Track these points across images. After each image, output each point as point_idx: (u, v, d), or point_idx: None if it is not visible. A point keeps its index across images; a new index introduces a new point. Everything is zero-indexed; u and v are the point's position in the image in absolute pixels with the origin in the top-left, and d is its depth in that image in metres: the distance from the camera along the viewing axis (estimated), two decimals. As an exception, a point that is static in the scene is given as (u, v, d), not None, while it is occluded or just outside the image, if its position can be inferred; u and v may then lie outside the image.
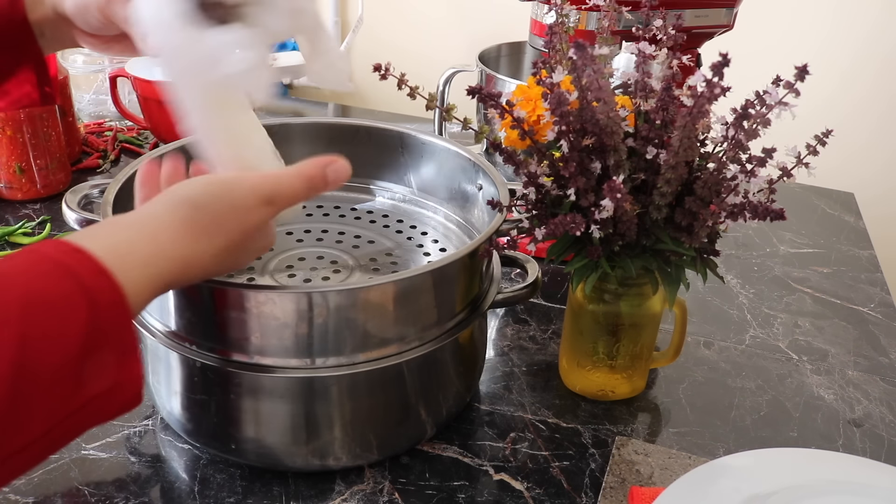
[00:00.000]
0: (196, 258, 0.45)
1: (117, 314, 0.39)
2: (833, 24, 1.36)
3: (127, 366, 0.40)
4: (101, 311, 0.38)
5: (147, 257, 0.42)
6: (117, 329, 0.39)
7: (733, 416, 0.72)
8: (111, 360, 0.38)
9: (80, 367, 0.37)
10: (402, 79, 0.60)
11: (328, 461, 0.61)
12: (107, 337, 0.38)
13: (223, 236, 0.46)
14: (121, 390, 0.40)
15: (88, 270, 0.38)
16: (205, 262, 0.46)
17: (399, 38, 1.58)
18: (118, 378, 0.39)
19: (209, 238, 0.46)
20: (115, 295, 0.39)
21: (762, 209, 0.56)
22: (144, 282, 0.42)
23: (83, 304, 0.37)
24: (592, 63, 0.57)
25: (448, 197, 0.77)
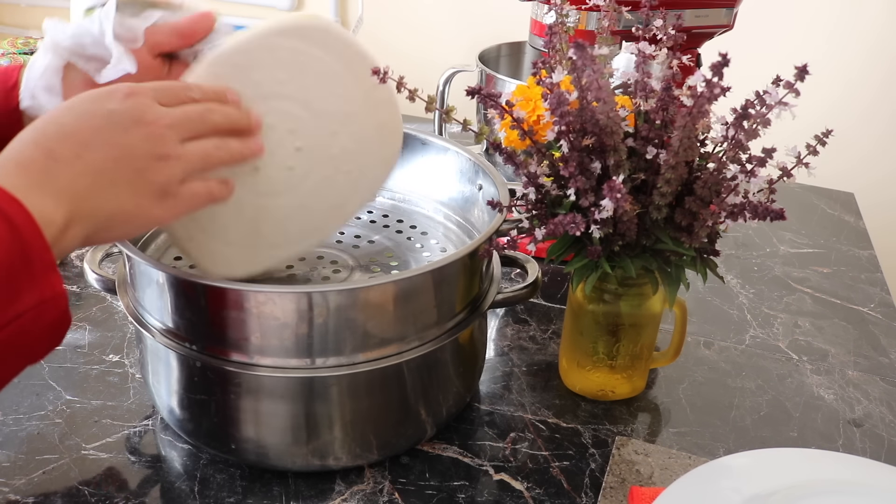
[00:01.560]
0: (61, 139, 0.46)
1: (31, 231, 0.42)
2: (834, 25, 1.36)
3: (48, 282, 0.42)
4: (19, 231, 0.41)
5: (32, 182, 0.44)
6: (34, 247, 0.41)
7: (733, 416, 0.72)
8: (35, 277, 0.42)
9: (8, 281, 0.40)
10: (401, 82, 0.60)
11: (328, 461, 0.61)
12: (27, 254, 0.41)
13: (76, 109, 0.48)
14: (47, 308, 0.42)
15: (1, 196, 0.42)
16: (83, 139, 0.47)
17: (399, 38, 1.58)
18: (41, 294, 0.42)
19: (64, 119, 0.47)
20: (25, 215, 0.42)
21: (762, 209, 0.56)
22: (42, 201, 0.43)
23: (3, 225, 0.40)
24: (592, 63, 0.57)
25: (448, 197, 0.77)
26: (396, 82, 0.60)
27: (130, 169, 0.48)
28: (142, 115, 0.48)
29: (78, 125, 0.47)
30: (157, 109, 0.49)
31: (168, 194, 0.49)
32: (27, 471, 0.62)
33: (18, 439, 0.65)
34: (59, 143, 0.46)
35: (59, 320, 0.44)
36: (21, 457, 0.63)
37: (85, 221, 0.46)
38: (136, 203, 0.48)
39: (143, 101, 0.49)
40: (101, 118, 0.47)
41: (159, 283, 0.57)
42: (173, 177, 0.49)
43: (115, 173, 0.47)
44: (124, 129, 0.48)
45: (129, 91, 0.49)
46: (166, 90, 0.51)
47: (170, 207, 0.50)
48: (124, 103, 0.48)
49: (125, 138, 0.47)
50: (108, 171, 0.47)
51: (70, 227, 0.45)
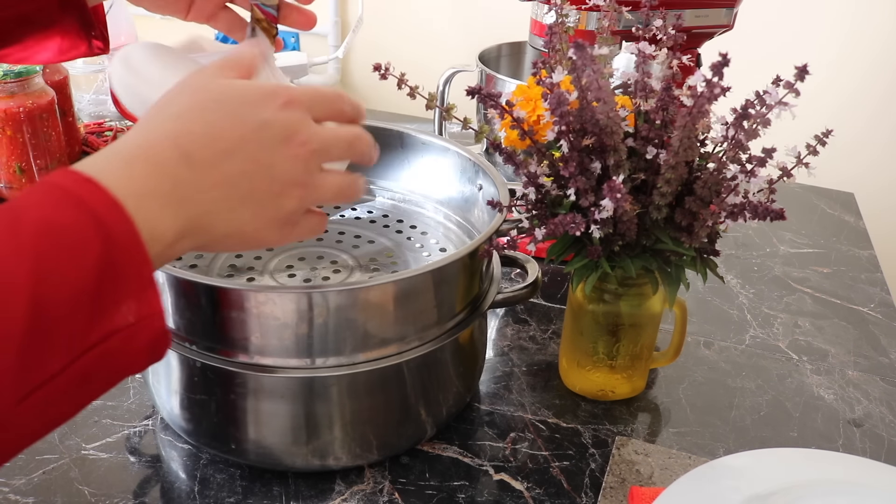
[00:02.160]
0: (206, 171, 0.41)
1: (131, 246, 0.38)
2: (834, 24, 1.36)
3: (146, 300, 0.38)
4: (115, 243, 0.37)
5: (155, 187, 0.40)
6: (132, 261, 0.38)
7: (733, 416, 0.72)
8: (130, 293, 0.37)
9: (97, 299, 0.36)
10: (402, 79, 0.60)
11: (328, 461, 0.61)
12: (122, 270, 0.37)
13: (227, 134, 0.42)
14: (143, 326, 0.38)
15: (100, 201, 0.37)
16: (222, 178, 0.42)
17: (399, 38, 1.58)
18: (138, 312, 0.38)
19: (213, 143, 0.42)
20: (127, 227, 0.37)
21: (762, 209, 0.56)
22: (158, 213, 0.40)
23: (96, 236, 0.36)
24: (592, 63, 0.57)
25: (448, 197, 0.77)
26: (397, 80, 0.60)
27: (264, 191, 0.43)
28: (294, 132, 0.44)
29: (224, 129, 0.42)
30: (309, 128, 0.45)
31: (290, 223, 0.46)
32: (27, 471, 0.62)
33: (18, 439, 0.65)
34: (200, 148, 0.41)
35: (156, 339, 0.40)
36: (21, 457, 0.63)
37: (197, 236, 0.42)
38: (256, 227, 0.44)
39: (299, 115, 0.44)
40: (252, 128, 0.43)
41: (159, 284, 0.57)
42: (302, 207, 0.46)
43: (247, 192, 0.43)
44: (272, 146, 0.43)
45: (288, 100, 0.44)
46: (321, 101, 0.46)
47: (285, 235, 0.46)
48: (280, 115, 0.44)
49: (270, 157, 0.43)
50: (241, 189, 0.43)
51: (180, 241, 0.41)
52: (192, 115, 0.42)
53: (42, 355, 0.35)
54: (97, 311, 0.36)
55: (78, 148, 1.12)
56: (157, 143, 0.41)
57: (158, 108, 0.43)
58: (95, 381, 0.38)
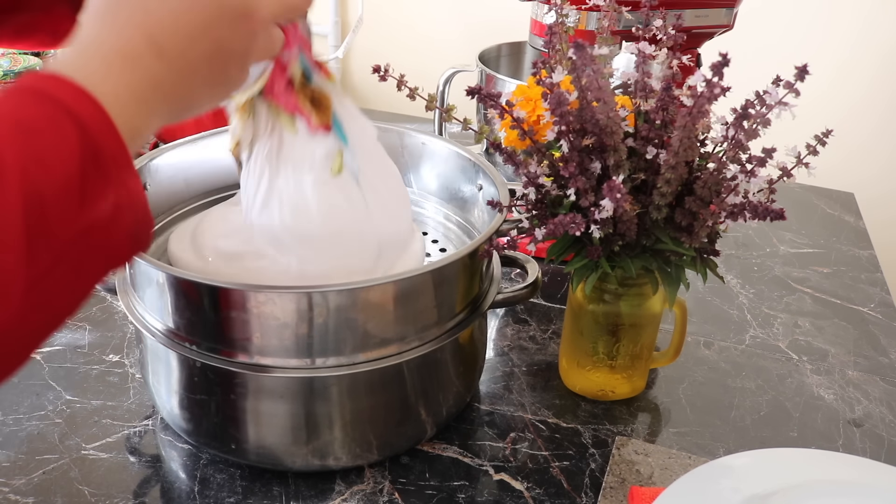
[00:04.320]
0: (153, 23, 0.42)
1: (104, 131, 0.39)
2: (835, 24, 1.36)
3: (124, 185, 0.39)
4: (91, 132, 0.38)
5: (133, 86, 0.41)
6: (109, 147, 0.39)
7: (733, 416, 0.72)
8: (109, 180, 0.39)
9: (83, 185, 0.37)
10: (402, 80, 0.60)
11: (328, 461, 0.61)
12: (102, 157, 0.38)
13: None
14: (125, 211, 0.40)
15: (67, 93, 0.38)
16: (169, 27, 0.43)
17: (399, 38, 1.58)
18: (119, 194, 0.39)
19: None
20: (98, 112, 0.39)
21: (762, 209, 0.56)
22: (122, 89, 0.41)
23: (72, 126, 0.37)
24: (592, 63, 0.57)
25: (448, 197, 0.77)
26: (397, 80, 0.60)
27: (221, 66, 0.45)
28: (248, 6, 0.45)
29: (189, 14, 0.43)
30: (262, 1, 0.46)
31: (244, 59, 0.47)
32: (27, 471, 0.62)
33: (18, 439, 0.65)
34: (169, 37, 0.42)
35: (139, 224, 0.41)
36: (21, 457, 0.63)
37: (163, 116, 0.44)
38: (212, 93, 0.47)
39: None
40: (213, 7, 0.44)
41: (159, 283, 0.57)
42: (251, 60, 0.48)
43: (206, 71, 0.45)
44: (231, 23, 0.45)
45: None
46: None
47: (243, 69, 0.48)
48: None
49: (227, 34, 0.45)
50: (202, 70, 0.44)
51: (152, 125, 0.43)
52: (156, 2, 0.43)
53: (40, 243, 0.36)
54: (86, 196, 0.37)
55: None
56: (130, 36, 0.42)
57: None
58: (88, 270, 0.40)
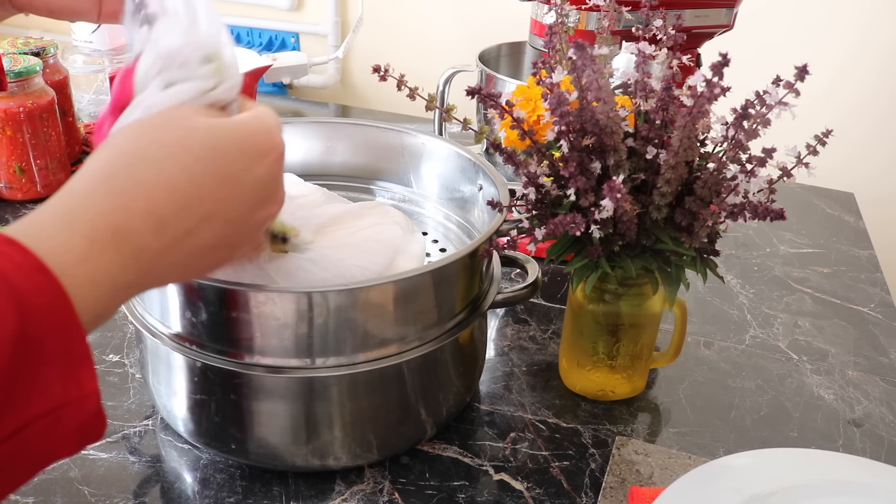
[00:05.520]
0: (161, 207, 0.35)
1: (57, 317, 0.32)
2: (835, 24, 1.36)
3: (73, 380, 0.32)
4: (35, 315, 0.31)
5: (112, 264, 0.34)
6: (59, 335, 0.32)
7: (733, 416, 0.72)
8: (53, 375, 0.32)
9: (13, 382, 0.30)
10: (402, 80, 0.60)
11: (328, 461, 0.61)
12: (42, 346, 0.31)
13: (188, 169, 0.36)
14: (70, 410, 0.33)
15: (19, 266, 0.31)
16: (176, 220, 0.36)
17: (399, 38, 1.58)
18: (63, 395, 0.32)
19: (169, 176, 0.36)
20: (54, 295, 0.31)
21: (762, 209, 0.56)
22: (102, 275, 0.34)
23: (10, 308, 0.30)
24: (592, 63, 0.57)
25: (448, 197, 0.77)
26: (397, 80, 0.60)
27: (228, 248, 0.40)
28: (277, 188, 0.40)
29: (209, 188, 0.36)
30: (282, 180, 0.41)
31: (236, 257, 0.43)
32: (27, 471, 0.62)
33: (18, 439, 0.65)
34: (177, 212, 0.35)
35: (87, 423, 0.34)
36: (21, 457, 0.63)
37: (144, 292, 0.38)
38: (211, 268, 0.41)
39: (282, 166, 0.40)
40: (246, 188, 0.38)
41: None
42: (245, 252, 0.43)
43: (212, 253, 0.39)
44: (258, 205, 0.39)
45: (281, 152, 0.40)
46: None
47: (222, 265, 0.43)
48: (274, 169, 0.39)
49: (250, 217, 0.39)
50: (208, 251, 0.38)
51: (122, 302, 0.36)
52: (173, 168, 0.36)
53: None
54: (10, 400, 0.30)
55: (78, 148, 1.13)
56: (129, 207, 0.35)
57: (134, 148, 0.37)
58: (13, 472, 0.33)
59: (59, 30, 1.75)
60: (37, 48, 1.04)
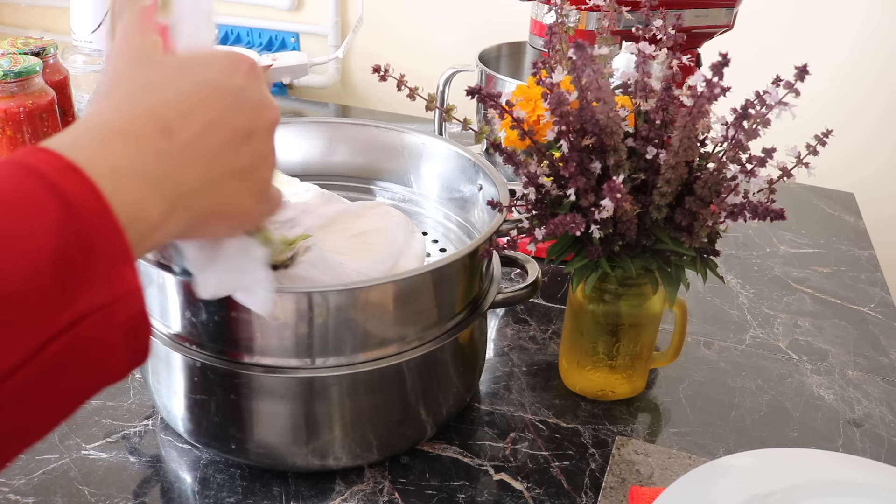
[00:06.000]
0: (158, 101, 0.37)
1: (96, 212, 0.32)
2: (834, 23, 1.36)
3: (118, 276, 0.33)
4: (77, 210, 0.31)
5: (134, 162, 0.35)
6: (100, 230, 0.32)
7: (733, 416, 0.72)
8: (101, 269, 0.32)
9: (60, 275, 0.30)
10: (402, 80, 0.60)
11: (328, 461, 0.61)
12: (88, 239, 0.31)
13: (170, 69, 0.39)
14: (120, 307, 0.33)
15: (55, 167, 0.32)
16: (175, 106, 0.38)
17: (399, 39, 1.58)
18: (111, 291, 0.32)
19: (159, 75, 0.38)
20: (89, 191, 0.32)
21: (762, 209, 0.56)
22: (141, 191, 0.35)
23: (53, 202, 0.31)
24: (592, 63, 0.57)
25: (448, 197, 0.77)
26: (397, 80, 0.60)
27: (247, 160, 0.40)
28: (264, 94, 0.41)
29: (201, 98, 0.39)
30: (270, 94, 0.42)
31: (265, 196, 0.43)
32: (27, 471, 0.62)
33: (18, 439, 0.65)
34: (179, 118, 0.37)
35: (134, 323, 0.34)
36: (21, 457, 0.63)
37: (183, 214, 0.38)
38: (241, 200, 0.41)
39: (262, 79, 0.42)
40: (230, 94, 0.40)
41: (159, 284, 0.57)
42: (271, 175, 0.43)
43: (230, 164, 0.39)
44: (252, 112, 0.40)
45: (252, 64, 0.41)
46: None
47: (264, 208, 0.44)
48: (250, 79, 0.41)
49: (250, 125, 0.40)
50: (225, 161, 0.39)
51: (165, 223, 0.36)
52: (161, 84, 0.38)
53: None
54: (61, 290, 0.31)
55: (78, 148, 1.12)
56: (131, 115, 0.37)
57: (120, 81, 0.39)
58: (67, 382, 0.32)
59: (59, 30, 1.75)
60: (37, 48, 1.04)
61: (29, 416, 0.32)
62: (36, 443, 0.33)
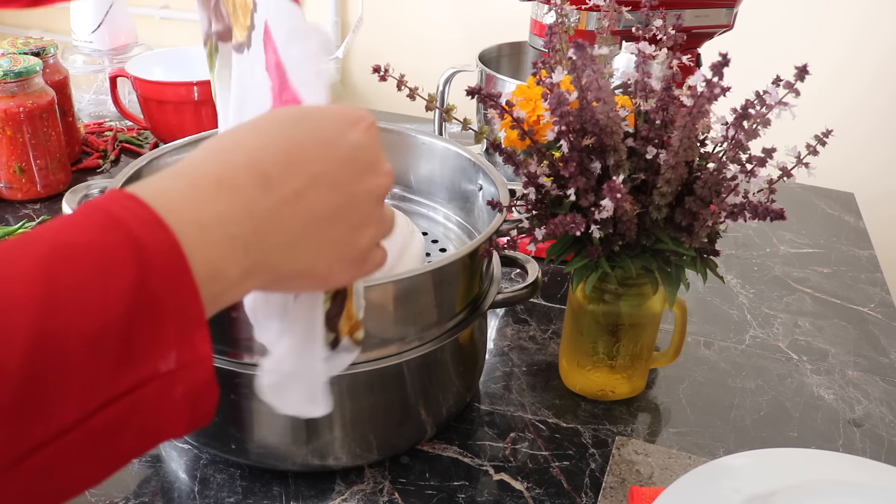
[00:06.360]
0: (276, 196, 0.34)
1: (175, 275, 0.30)
2: (832, 22, 1.36)
3: (188, 343, 0.31)
4: (155, 270, 0.30)
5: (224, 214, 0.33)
6: (176, 293, 0.31)
7: (733, 416, 0.72)
8: (170, 334, 0.30)
9: (127, 338, 0.29)
10: (402, 80, 0.60)
11: (328, 461, 0.61)
12: (161, 302, 0.30)
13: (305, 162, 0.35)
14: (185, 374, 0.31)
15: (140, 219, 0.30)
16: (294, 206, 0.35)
17: (399, 38, 1.58)
18: (179, 358, 0.31)
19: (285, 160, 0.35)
20: (172, 252, 0.30)
21: (762, 209, 0.56)
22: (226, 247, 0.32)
23: (130, 259, 0.29)
24: (592, 63, 0.57)
25: (448, 197, 0.77)
26: (397, 80, 0.60)
27: (347, 225, 0.37)
28: (378, 157, 0.38)
29: (309, 149, 0.36)
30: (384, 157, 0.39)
31: (361, 260, 0.39)
32: (27, 471, 0.62)
33: (18, 439, 0.65)
34: (281, 168, 0.35)
35: (199, 392, 0.33)
36: (21, 457, 0.63)
37: (266, 275, 0.35)
38: (329, 266, 0.38)
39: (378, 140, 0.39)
40: (341, 151, 0.37)
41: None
42: (374, 242, 0.40)
43: (328, 225, 0.36)
44: (362, 173, 0.37)
45: (371, 123, 0.38)
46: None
47: (355, 274, 0.40)
48: (366, 138, 0.38)
49: (356, 185, 0.37)
50: (322, 221, 0.36)
51: (246, 280, 0.34)
52: (270, 130, 0.36)
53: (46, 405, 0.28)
54: (126, 354, 0.29)
55: (78, 148, 1.13)
56: (231, 162, 0.34)
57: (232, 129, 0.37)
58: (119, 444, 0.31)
59: (59, 30, 1.75)
60: (37, 48, 1.04)
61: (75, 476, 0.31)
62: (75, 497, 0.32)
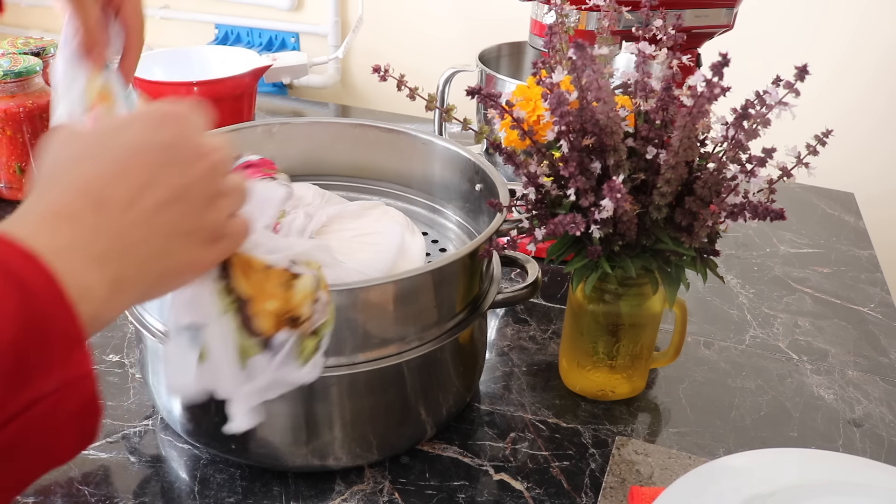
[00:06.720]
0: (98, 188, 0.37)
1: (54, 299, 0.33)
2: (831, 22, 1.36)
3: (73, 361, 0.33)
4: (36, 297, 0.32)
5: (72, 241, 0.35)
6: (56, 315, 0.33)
7: (733, 416, 0.72)
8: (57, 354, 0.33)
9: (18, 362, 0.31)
10: (402, 80, 0.60)
11: (328, 461, 0.61)
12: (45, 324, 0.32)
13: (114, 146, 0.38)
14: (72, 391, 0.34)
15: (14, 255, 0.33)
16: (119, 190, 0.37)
17: (399, 39, 1.58)
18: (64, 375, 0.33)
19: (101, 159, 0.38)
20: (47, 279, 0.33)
21: (762, 209, 0.56)
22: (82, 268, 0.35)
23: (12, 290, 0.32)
24: (592, 63, 0.57)
25: (448, 197, 0.77)
26: (397, 80, 0.60)
27: (189, 214, 0.39)
28: (196, 145, 0.40)
29: (131, 162, 0.38)
30: (208, 135, 0.41)
31: (218, 236, 0.41)
32: (27, 471, 0.62)
33: (18, 439, 0.65)
34: (111, 188, 0.37)
35: (84, 407, 0.35)
36: (21, 457, 0.63)
37: (133, 286, 0.37)
38: (190, 254, 0.40)
39: (195, 124, 0.40)
40: (155, 153, 0.39)
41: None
42: (227, 214, 0.42)
43: (172, 221, 0.38)
44: (183, 166, 0.39)
45: (178, 115, 0.40)
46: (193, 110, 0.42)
47: (220, 250, 0.42)
48: (177, 130, 0.40)
49: (185, 178, 0.39)
50: (165, 220, 0.38)
51: (116, 296, 0.36)
52: (86, 157, 0.38)
53: None
54: (18, 378, 0.31)
55: (78, 148, 1.12)
56: (64, 195, 0.37)
57: (54, 159, 0.39)
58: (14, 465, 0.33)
59: (59, 30, 1.75)
60: (37, 48, 1.04)
61: None
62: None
